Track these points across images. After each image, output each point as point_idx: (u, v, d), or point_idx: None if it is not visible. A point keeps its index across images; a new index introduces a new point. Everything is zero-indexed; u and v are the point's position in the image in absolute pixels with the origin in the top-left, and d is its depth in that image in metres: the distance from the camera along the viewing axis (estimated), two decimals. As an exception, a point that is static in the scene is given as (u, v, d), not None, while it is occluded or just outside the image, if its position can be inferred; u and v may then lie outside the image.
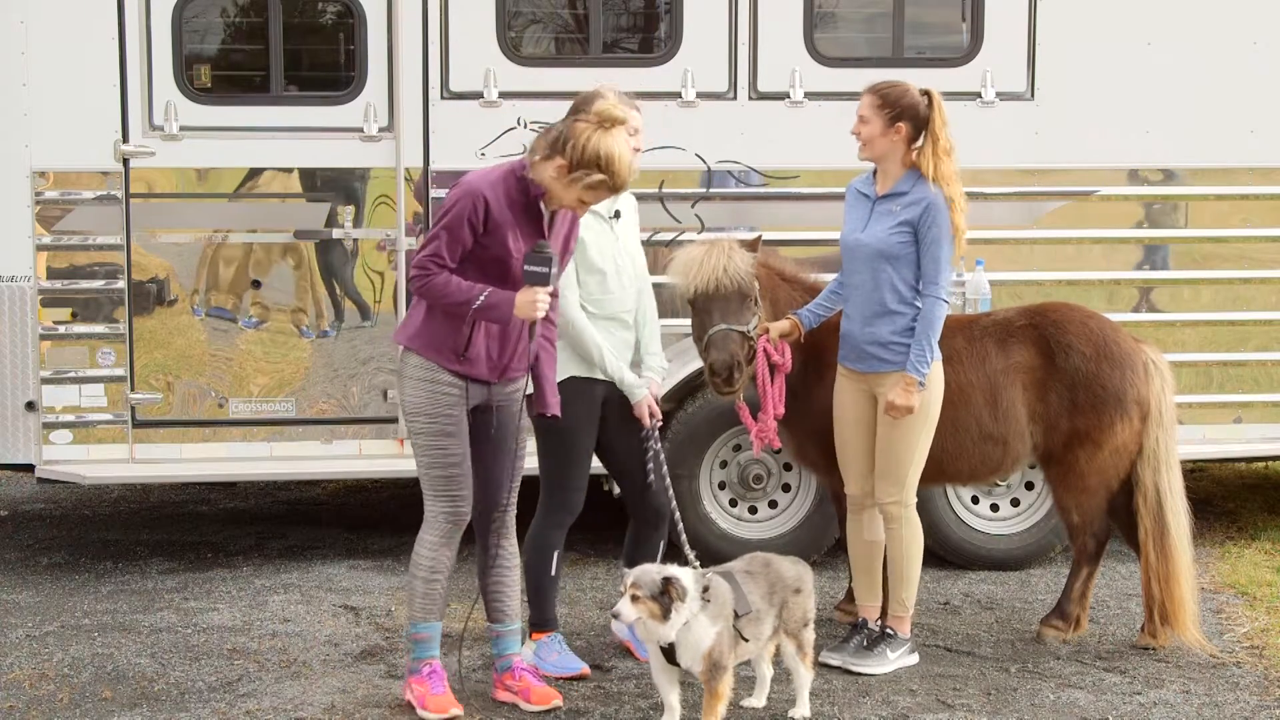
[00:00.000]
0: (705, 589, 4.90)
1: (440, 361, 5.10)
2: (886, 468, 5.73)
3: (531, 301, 4.99)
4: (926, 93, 5.64)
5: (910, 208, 5.60)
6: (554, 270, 5.02)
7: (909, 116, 5.60)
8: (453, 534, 5.24)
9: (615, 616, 4.80)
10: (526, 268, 4.99)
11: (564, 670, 5.62)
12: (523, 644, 5.54)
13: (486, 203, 4.99)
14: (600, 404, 5.67)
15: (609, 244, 5.65)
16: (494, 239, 5.02)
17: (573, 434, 5.62)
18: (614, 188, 5.00)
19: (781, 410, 5.84)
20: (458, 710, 5.24)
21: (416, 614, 5.28)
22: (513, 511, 5.38)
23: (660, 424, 5.73)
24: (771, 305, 5.96)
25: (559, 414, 5.36)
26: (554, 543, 5.70)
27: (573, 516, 5.73)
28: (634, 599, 4.77)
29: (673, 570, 4.89)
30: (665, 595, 4.78)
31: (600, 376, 5.64)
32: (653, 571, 4.85)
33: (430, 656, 5.31)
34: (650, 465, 5.66)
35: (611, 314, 5.66)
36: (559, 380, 5.55)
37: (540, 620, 5.74)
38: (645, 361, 5.76)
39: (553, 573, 5.71)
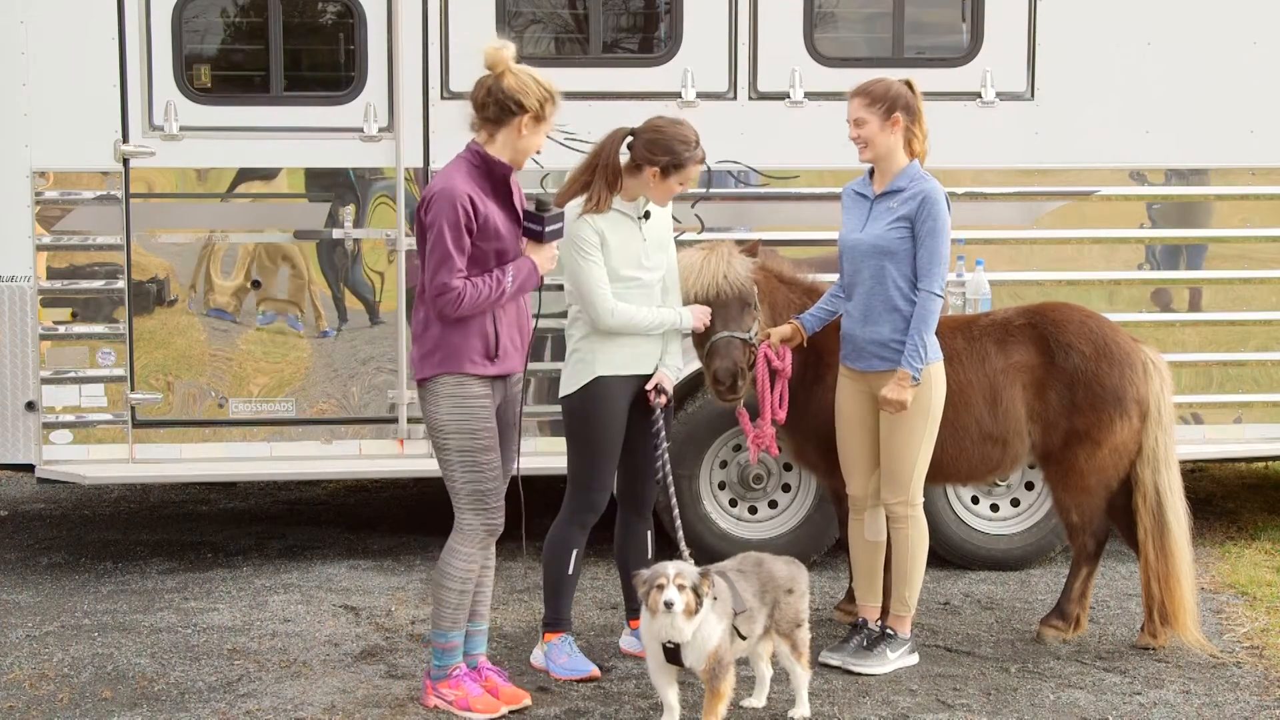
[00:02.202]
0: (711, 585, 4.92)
1: (474, 371, 5.11)
2: (890, 469, 5.73)
3: (551, 257, 5.25)
4: (906, 82, 5.69)
5: (907, 203, 5.60)
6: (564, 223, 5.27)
7: (901, 106, 5.62)
8: (489, 544, 5.27)
9: (668, 606, 4.75)
10: (547, 229, 5.17)
11: (574, 673, 5.62)
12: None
13: (472, 200, 5.04)
14: (627, 403, 5.66)
15: (636, 244, 5.63)
16: (486, 232, 5.07)
17: (601, 434, 5.62)
18: (556, 101, 5.18)
19: (783, 416, 5.84)
20: (507, 707, 5.26)
21: (445, 623, 5.26)
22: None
23: (668, 407, 5.72)
24: (770, 308, 5.95)
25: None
26: (575, 542, 5.71)
27: (596, 516, 5.74)
28: (680, 588, 4.77)
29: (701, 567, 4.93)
30: (699, 589, 4.81)
31: (626, 373, 5.62)
32: (687, 566, 4.88)
33: (457, 663, 5.30)
34: (660, 460, 5.65)
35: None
36: (586, 382, 5.59)
37: (554, 620, 5.75)
38: (662, 360, 5.75)
39: (570, 572, 5.71)
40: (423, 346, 5.16)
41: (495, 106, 5.10)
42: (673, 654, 4.89)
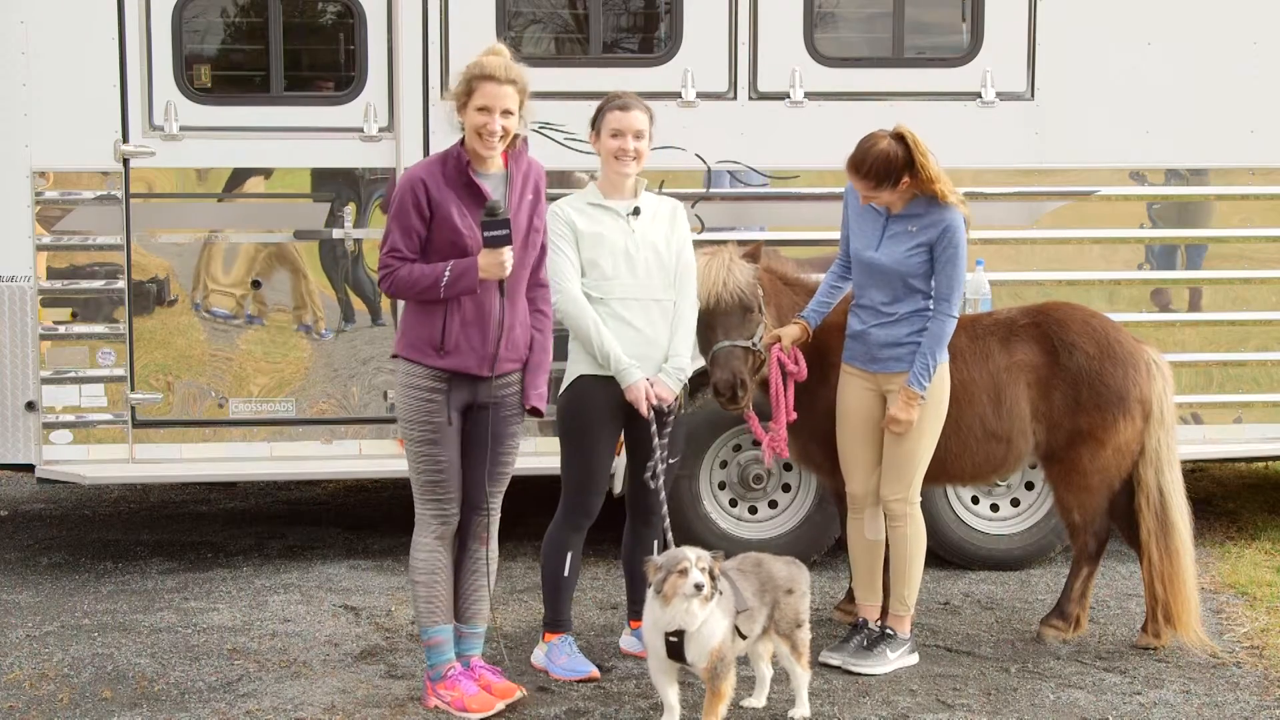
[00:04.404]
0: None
1: (423, 361, 5.12)
2: (893, 467, 5.73)
3: (498, 263, 5.06)
4: (899, 136, 5.58)
5: (928, 229, 5.60)
6: (510, 230, 5.06)
7: (905, 168, 5.56)
8: (444, 535, 5.26)
9: (699, 588, 4.75)
10: (486, 233, 5.04)
11: (574, 673, 5.61)
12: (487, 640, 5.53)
13: (424, 185, 5.07)
14: (618, 404, 5.62)
15: (621, 236, 5.61)
16: (440, 220, 5.07)
17: (590, 436, 5.62)
18: (490, 76, 5.08)
19: (794, 417, 5.83)
20: (501, 703, 5.25)
21: (424, 619, 5.28)
22: (495, 515, 5.37)
23: (667, 418, 5.66)
24: (775, 310, 5.95)
25: (541, 409, 5.34)
26: (570, 544, 5.70)
27: (590, 519, 5.73)
28: (702, 571, 4.79)
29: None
30: (714, 573, 4.85)
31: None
32: (703, 551, 4.90)
33: (448, 660, 5.30)
34: (650, 462, 5.63)
35: (619, 298, 5.60)
36: (571, 380, 5.58)
37: (554, 620, 5.75)
38: (667, 362, 5.71)
39: (566, 573, 5.70)
40: (399, 327, 5.32)
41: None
42: (675, 649, 4.88)
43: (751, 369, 5.79)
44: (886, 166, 5.55)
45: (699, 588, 4.76)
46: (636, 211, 5.68)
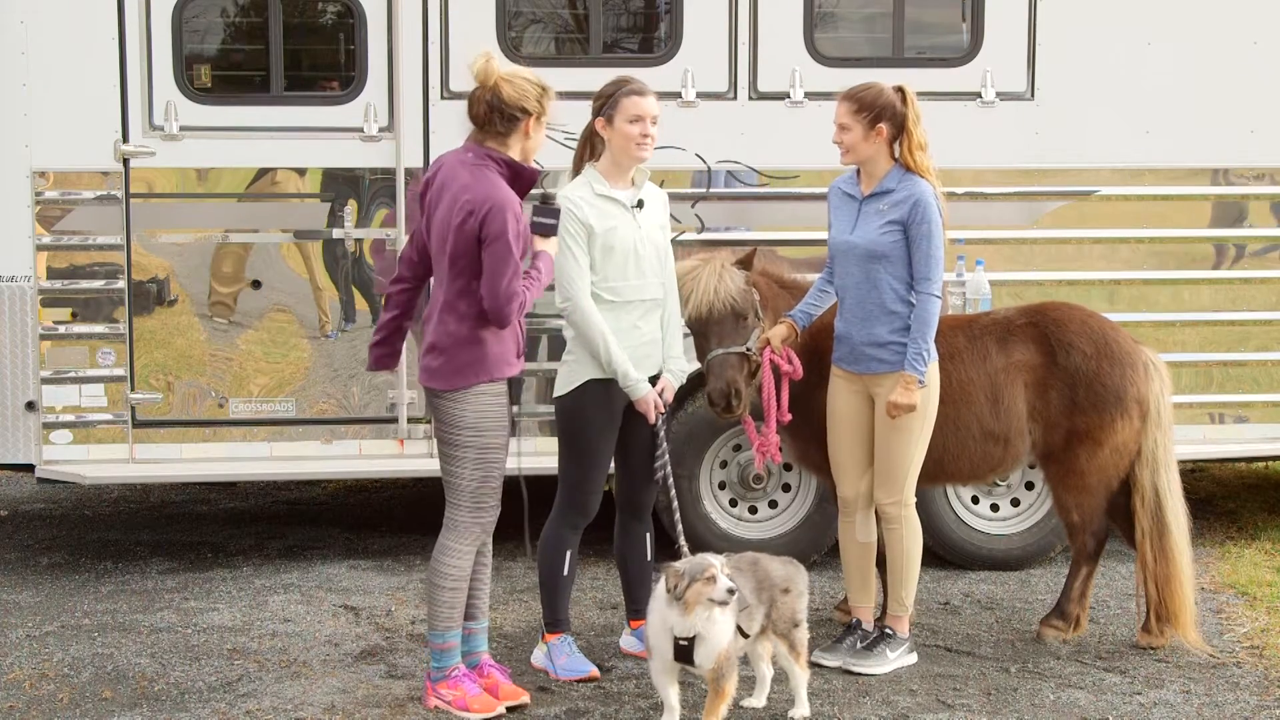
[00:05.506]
0: None
1: (507, 374, 5.23)
2: (885, 469, 5.73)
3: (556, 250, 5.36)
4: (900, 89, 5.64)
5: (899, 206, 5.60)
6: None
7: (888, 116, 5.59)
8: (480, 542, 5.31)
9: (731, 594, 4.77)
10: (540, 219, 5.21)
11: (574, 673, 5.61)
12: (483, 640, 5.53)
13: (519, 206, 5.15)
14: (621, 406, 5.62)
15: (630, 231, 5.60)
16: (525, 237, 5.21)
17: (592, 438, 5.61)
18: (545, 88, 5.25)
19: (788, 417, 5.84)
20: (505, 704, 5.25)
21: (440, 623, 5.27)
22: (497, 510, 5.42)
23: (665, 419, 5.68)
24: (773, 314, 5.95)
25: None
26: (567, 543, 5.70)
27: (587, 519, 5.73)
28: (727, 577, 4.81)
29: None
30: None
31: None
32: (719, 556, 4.92)
33: (456, 663, 5.31)
34: (659, 464, 5.64)
35: (630, 300, 5.60)
36: (578, 384, 5.58)
37: (553, 620, 5.74)
38: (666, 364, 5.72)
39: (565, 573, 5.70)
40: (459, 358, 5.16)
41: (501, 119, 5.17)
42: (683, 652, 4.87)
43: (747, 376, 5.79)
44: (875, 99, 5.59)
45: (731, 593, 4.76)
46: (640, 204, 5.67)
